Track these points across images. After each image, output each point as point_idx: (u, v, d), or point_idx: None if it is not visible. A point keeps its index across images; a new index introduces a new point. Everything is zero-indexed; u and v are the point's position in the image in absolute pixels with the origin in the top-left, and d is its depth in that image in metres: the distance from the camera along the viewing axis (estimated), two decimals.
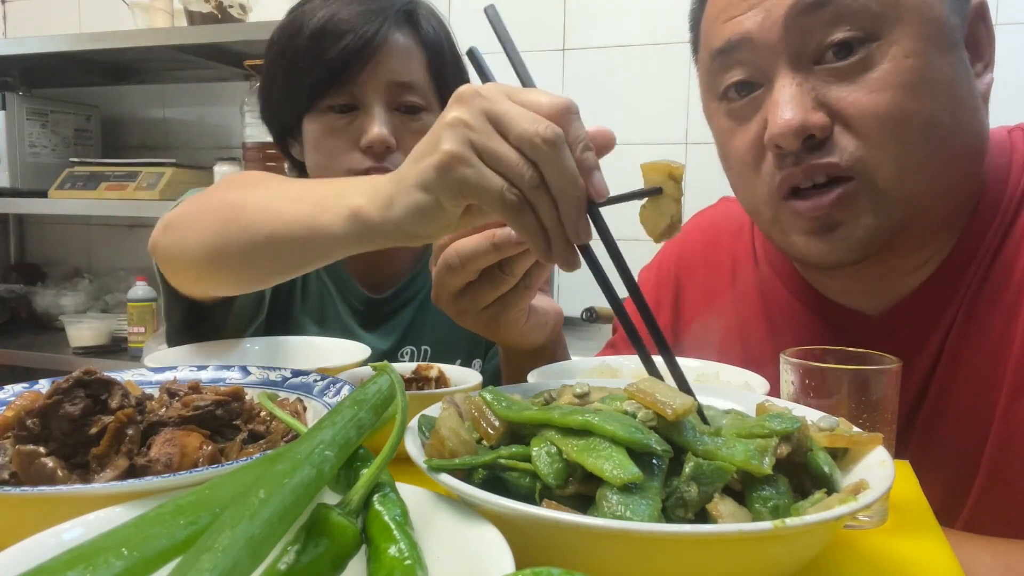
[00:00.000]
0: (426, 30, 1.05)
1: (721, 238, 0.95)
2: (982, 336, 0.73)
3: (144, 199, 2.21)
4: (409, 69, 1.02)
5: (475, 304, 0.71)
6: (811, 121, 0.66)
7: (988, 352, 0.72)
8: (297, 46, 1.02)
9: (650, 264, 1.04)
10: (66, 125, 2.54)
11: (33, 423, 0.50)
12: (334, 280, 1.14)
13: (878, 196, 0.68)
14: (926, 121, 0.66)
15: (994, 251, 0.73)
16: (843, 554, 0.47)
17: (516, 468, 0.43)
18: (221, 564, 0.28)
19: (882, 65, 0.66)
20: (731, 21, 0.71)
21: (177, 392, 0.58)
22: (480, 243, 0.66)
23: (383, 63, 1.00)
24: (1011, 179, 0.75)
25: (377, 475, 0.39)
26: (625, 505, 0.38)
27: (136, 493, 0.41)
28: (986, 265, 0.73)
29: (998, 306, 0.72)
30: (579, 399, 0.50)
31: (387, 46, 1.00)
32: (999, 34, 0.76)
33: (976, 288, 0.74)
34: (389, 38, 1.00)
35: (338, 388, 0.61)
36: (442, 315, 1.08)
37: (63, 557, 0.29)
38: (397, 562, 0.34)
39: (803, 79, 0.67)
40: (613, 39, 2.14)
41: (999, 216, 0.74)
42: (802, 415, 0.48)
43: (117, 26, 2.34)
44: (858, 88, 0.66)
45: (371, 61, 0.99)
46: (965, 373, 0.74)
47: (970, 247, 0.74)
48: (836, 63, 0.67)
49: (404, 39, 1.02)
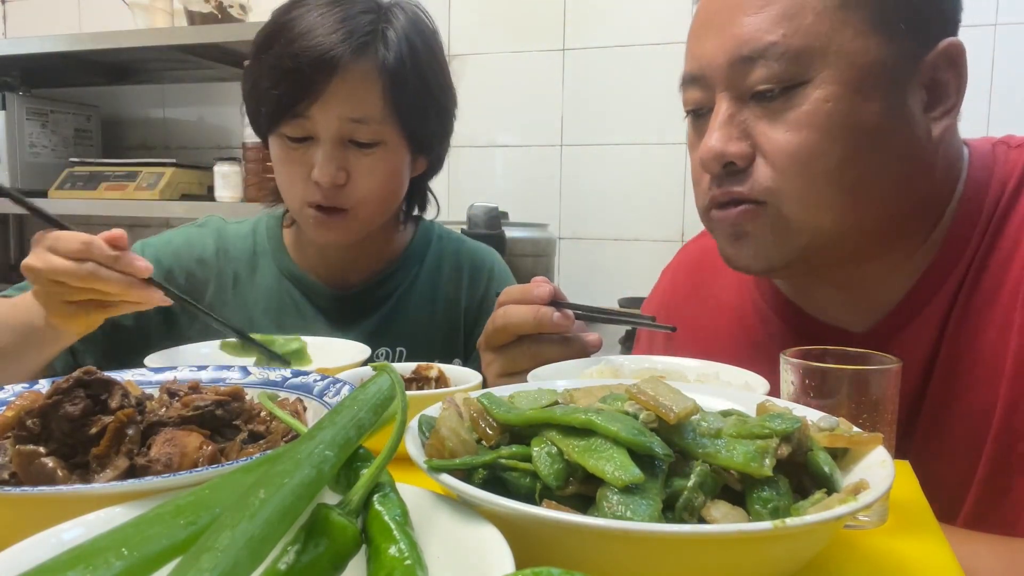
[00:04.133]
0: (388, 56, 0.99)
1: (714, 257, 0.96)
2: (976, 346, 0.74)
3: (144, 199, 2.22)
4: (363, 103, 0.98)
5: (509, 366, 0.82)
6: (731, 150, 0.73)
7: (983, 361, 0.73)
8: (256, 73, 1.02)
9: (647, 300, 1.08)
10: (66, 125, 2.54)
11: (33, 423, 0.50)
12: (296, 283, 1.13)
13: (781, 221, 0.74)
14: (837, 161, 0.71)
15: (978, 264, 0.75)
16: (843, 554, 0.47)
17: (516, 468, 0.43)
18: (221, 564, 0.28)
19: (802, 107, 0.71)
20: (692, 55, 0.79)
21: (177, 392, 0.58)
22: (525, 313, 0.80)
23: (333, 98, 0.97)
24: (991, 192, 0.77)
25: (377, 475, 0.39)
26: (625, 505, 0.38)
27: (136, 493, 0.41)
28: (973, 275, 0.75)
29: (990, 316, 0.74)
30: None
31: (341, 81, 0.96)
32: (999, 34, 0.76)
33: (964, 301, 0.75)
34: (344, 72, 0.96)
35: (338, 388, 0.61)
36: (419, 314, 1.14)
37: (63, 557, 0.29)
38: (397, 562, 0.34)
39: (736, 111, 0.74)
40: (613, 39, 2.14)
41: (979, 229, 0.76)
42: (802, 415, 0.48)
43: (117, 26, 2.34)
44: (778, 126, 0.72)
45: (322, 96, 0.96)
46: (961, 381, 0.75)
47: (951, 261, 0.76)
48: (764, 102, 0.73)
49: (362, 68, 0.97)
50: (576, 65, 2.18)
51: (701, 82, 0.77)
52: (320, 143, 0.99)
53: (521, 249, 1.88)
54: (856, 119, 0.70)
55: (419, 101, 1.02)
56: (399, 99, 1.00)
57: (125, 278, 0.80)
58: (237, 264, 1.14)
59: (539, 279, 0.83)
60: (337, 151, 0.99)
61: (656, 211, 2.11)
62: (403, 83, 1.00)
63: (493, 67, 2.23)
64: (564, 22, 2.17)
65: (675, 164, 2.09)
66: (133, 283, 0.81)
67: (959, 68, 0.73)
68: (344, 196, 1.01)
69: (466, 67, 2.23)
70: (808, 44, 0.70)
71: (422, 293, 1.16)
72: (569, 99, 2.19)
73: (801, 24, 0.70)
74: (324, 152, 0.99)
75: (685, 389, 0.48)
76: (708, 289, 0.97)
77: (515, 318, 0.80)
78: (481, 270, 1.20)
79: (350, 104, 0.98)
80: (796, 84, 0.71)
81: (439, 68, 1.07)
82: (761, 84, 0.72)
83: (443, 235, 1.23)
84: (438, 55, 1.07)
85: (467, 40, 2.24)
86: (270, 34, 1.00)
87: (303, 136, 1.00)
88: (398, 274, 1.15)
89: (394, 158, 1.03)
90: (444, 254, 1.20)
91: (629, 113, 2.12)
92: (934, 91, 0.73)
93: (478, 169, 2.28)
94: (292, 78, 0.96)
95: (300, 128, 0.99)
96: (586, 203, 2.19)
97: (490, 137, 2.26)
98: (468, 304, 1.19)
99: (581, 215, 2.20)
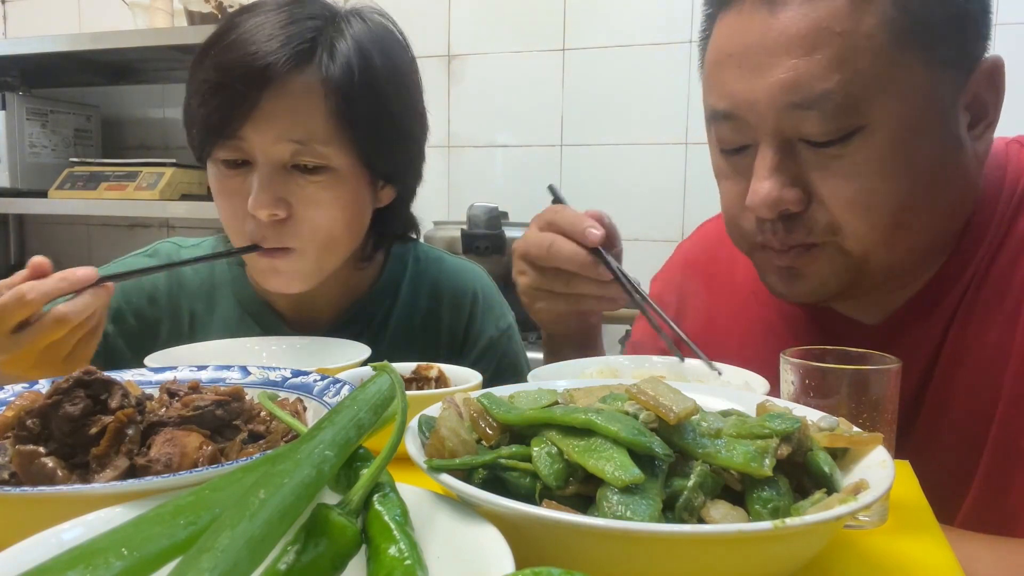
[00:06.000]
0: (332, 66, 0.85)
1: (722, 248, 0.95)
2: (980, 342, 0.74)
3: (144, 199, 2.21)
4: (304, 121, 0.85)
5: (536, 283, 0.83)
6: (786, 197, 0.70)
7: (986, 358, 0.74)
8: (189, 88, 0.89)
9: (659, 273, 1.07)
10: (66, 125, 2.54)
11: (33, 423, 0.50)
12: (258, 320, 1.02)
13: (840, 259, 0.72)
14: (899, 204, 0.69)
15: (989, 260, 0.75)
16: (843, 554, 0.47)
17: (516, 468, 0.43)
18: (221, 564, 0.28)
19: (860, 153, 0.68)
20: (723, 91, 0.73)
21: (177, 392, 0.58)
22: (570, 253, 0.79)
23: (270, 116, 0.84)
24: (1004, 192, 0.76)
25: (377, 475, 0.39)
26: (625, 505, 0.38)
27: (136, 493, 0.41)
28: (981, 274, 0.75)
29: (995, 314, 0.74)
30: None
31: (276, 95, 0.83)
32: (999, 34, 0.76)
33: (973, 295, 0.75)
34: (280, 85, 0.83)
35: (338, 388, 0.61)
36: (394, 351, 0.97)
37: (63, 557, 0.29)
38: (397, 562, 0.34)
39: (784, 155, 0.70)
40: (613, 39, 2.14)
41: (993, 227, 0.76)
42: (802, 415, 0.48)
43: (117, 26, 2.34)
44: (835, 172, 0.69)
45: (254, 114, 0.83)
46: (962, 379, 0.75)
47: (965, 259, 0.76)
48: (818, 147, 0.69)
49: (302, 81, 0.84)
50: (576, 65, 2.18)
51: (738, 121, 0.72)
52: (257, 168, 0.86)
53: None
54: (914, 159, 0.68)
55: (374, 121, 0.89)
56: (348, 118, 0.86)
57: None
58: (193, 300, 1.02)
59: (593, 213, 0.81)
60: (276, 177, 0.86)
61: (656, 211, 2.11)
62: (352, 99, 0.86)
63: (493, 67, 2.23)
64: (564, 22, 2.17)
65: (675, 164, 2.09)
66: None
67: (998, 85, 0.72)
68: (287, 232, 0.88)
69: (466, 67, 2.23)
70: (866, 89, 0.66)
71: (397, 327, 1.04)
72: (569, 99, 2.19)
73: (858, 68, 0.66)
74: (260, 179, 0.85)
75: (685, 389, 0.48)
76: (723, 267, 0.96)
77: (561, 254, 0.79)
78: (464, 295, 1.08)
79: (288, 122, 0.84)
80: (853, 131, 0.67)
81: (403, 87, 0.93)
82: (815, 135, 0.68)
83: (421, 257, 1.09)
84: (403, 72, 0.94)
85: (467, 40, 2.24)
86: (208, 45, 0.88)
87: (239, 159, 0.87)
88: (369, 308, 1.03)
89: (346, 187, 0.89)
90: (421, 282, 1.07)
91: (629, 113, 2.12)
92: (976, 110, 0.72)
93: (478, 169, 2.28)
94: (222, 93, 0.84)
95: (235, 150, 0.86)
96: (586, 203, 2.17)
97: (490, 137, 2.26)
98: (450, 334, 1.07)
99: None
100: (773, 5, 0.69)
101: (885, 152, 0.68)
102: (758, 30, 0.69)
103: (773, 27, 0.68)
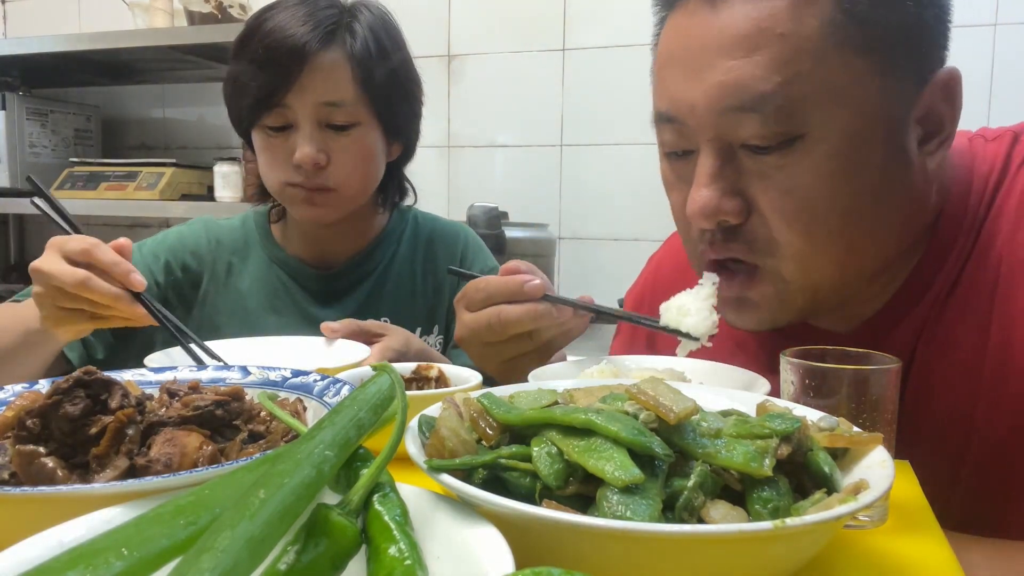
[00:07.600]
0: (355, 44, 1.08)
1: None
2: (955, 346, 0.72)
3: (144, 199, 2.22)
4: (336, 88, 1.07)
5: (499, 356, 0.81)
6: (724, 207, 0.68)
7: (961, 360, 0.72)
8: (235, 72, 1.11)
9: (632, 288, 1.08)
10: (66, 125, 2.54)
11: (33, 423, 0.50)
12: (284, 267, 1.22)
13: (782, 283, 0.70)
14: (839, 220, 0.67)
15: (962, 262, 0.73)
16: (843, 554, 0.47)
17: (516, 468, 0.43)
18: (221, 564, 0.28)
19: (801, 163, 0.65)
20: (665, 93, 0.72)
21: (177, 392, 0.58)
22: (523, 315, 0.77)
23: (309, 85, 1.06)
24: (973, 192, 0.74)
25: (377, 475, 0.39)
26: (625, 505, 0.38)
27: (136, 493, 0.41)
28: (954, 276, 0.73)
29: (969, 316, 0.72)
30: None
31: (312, 68, 1.05)
32: (999, 34, 0.75)
33: (946, 298, 0.73)
34: (314, 60, 1.05)
35: (338, 388, 0.61)
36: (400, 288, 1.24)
37: (63, 557, 0.29)
38: (397, 562, 0.34)
39: (725, 161, 0.68)
40: (613, 39, 2.14)
41: (964, 229, 0.73)
42: (802, 415, 0.48)
43: (117, 26, 2.34)
44: (775, 182, 0.67)
45: (296, 85, 1.05)
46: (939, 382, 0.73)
47: (936, 262, 0.74)
48: (757, 154, 0.67)
49: (331, 56, 1.06)
50: (576, 65, 2.18)
51: (678, 124, 0.70)
52: (300, 128, 1.08)
53: (521, 249, 1.89)
54: (858, 173, 0.66)
55: (387, 85, 1.12)
56: (369, 83, 1.09)
57: (115, 292, 0.83)
58: (230, 254, 1.24)
59: (522, 273, 0.80)
60: (316, 134, 1.08)
61: (656, 211, 2.10)
62: (371, 69, 1.09)
63: (493, 67, 2.23)
64: (564, 22, 2.17)
65: None
66: (121, 298, 0.83)
67: (954, 99, 0.69)
68: (327, 176, 1.09)
69: (466, 67, 2.23)
70: (807, 93, 0.63)
71: (402, 268, 1.26)
72: (569, 99, 2.19)
73: (799, 71, 0.63)
74: (304, 135, 1.07)
75: (685, 389, 0.48)
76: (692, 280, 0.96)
77: (512, 319, 0.77)
78: (456, 238, 1.31)
79: (324, 89, 1.06)
80: (794, 137, 0.65)
81: (404, 59, 1.17)
82: (754, 139, 0.65)
83: (419, 216, 1.33)
84: (402, 48, 1.17)
85: (467, 40, 2.24)
86: (244, 37, 1.11)
87: (283, 124, 1.08)
88: (377, 252, 1.25)
89: (369, 138, 1.12)
90: (420, 232, 1.30)
91: (629, 113, 2.12)
92: (928, 125, 0.69)
93: (478, 169, 2.28)
94: (269, 70, 1.05)
95: (280, 117, 1.08)
96: (586, 203, 2.19)
97: (490, 137, 2.26)
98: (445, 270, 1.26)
99: (581, 215, 2.20)
100: (715, 5, 0.67)
101: (826, 162, 0.65)
102: (700, 31, 0.68)
103: (714, 27, 0.66)
